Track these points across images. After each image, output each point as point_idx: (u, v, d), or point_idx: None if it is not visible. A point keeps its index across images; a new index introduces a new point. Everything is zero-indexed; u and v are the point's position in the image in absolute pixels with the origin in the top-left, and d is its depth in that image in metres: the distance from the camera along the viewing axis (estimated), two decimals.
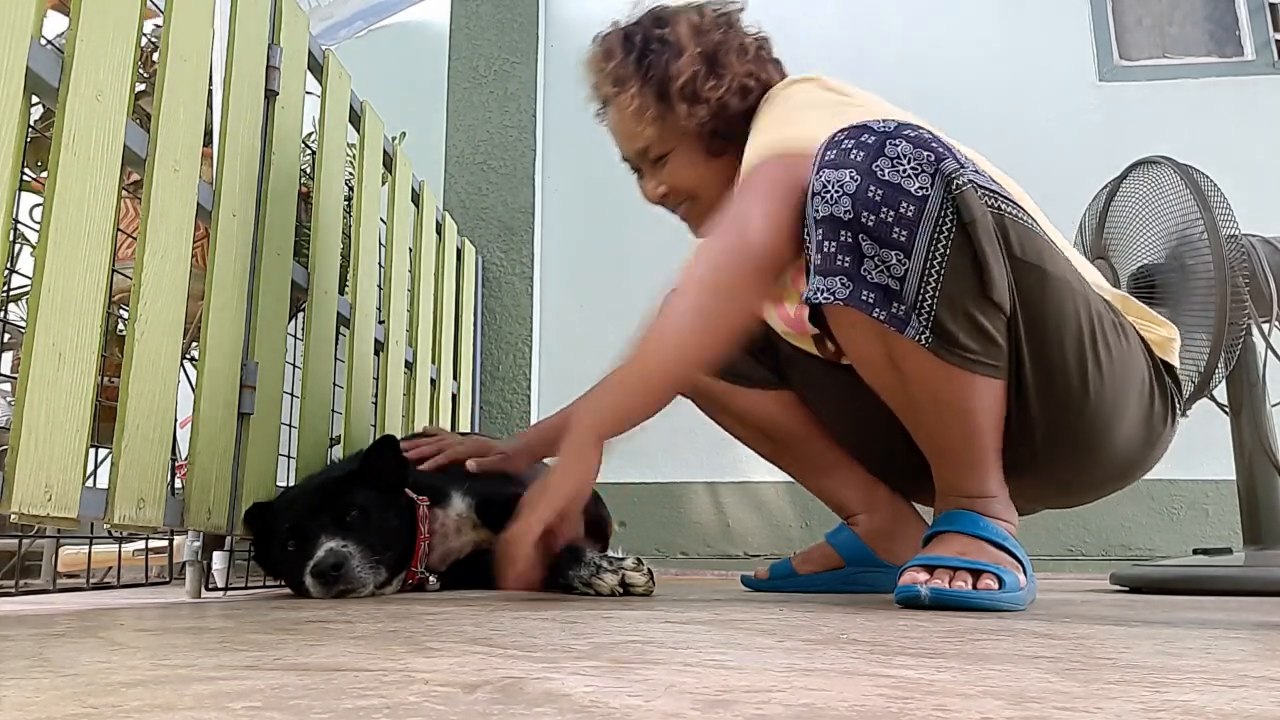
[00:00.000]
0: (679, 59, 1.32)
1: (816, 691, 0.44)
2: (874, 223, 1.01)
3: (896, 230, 1.00)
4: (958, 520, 1.11)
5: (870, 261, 1.02)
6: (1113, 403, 1.14)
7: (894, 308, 1.02)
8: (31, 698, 0.43)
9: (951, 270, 1.01)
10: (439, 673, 0.50)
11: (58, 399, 0.98)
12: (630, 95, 1.35)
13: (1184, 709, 0.40)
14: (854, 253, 1.03)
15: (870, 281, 1.03)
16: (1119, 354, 1.14)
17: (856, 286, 1.03)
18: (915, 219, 1.00)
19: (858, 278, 1.03)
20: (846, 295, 1.03)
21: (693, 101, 1.32)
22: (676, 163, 1.39)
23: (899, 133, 1.03)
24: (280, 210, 1.51)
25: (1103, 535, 2.80)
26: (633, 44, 1.36)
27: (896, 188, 1.01)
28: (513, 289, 3.02)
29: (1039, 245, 1.08)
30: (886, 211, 1.01)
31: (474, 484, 1.55)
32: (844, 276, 1.04)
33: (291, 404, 1.60)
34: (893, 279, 1.02)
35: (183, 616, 0.95)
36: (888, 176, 1.01)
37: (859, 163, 1.02)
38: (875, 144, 1.03)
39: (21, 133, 0.96)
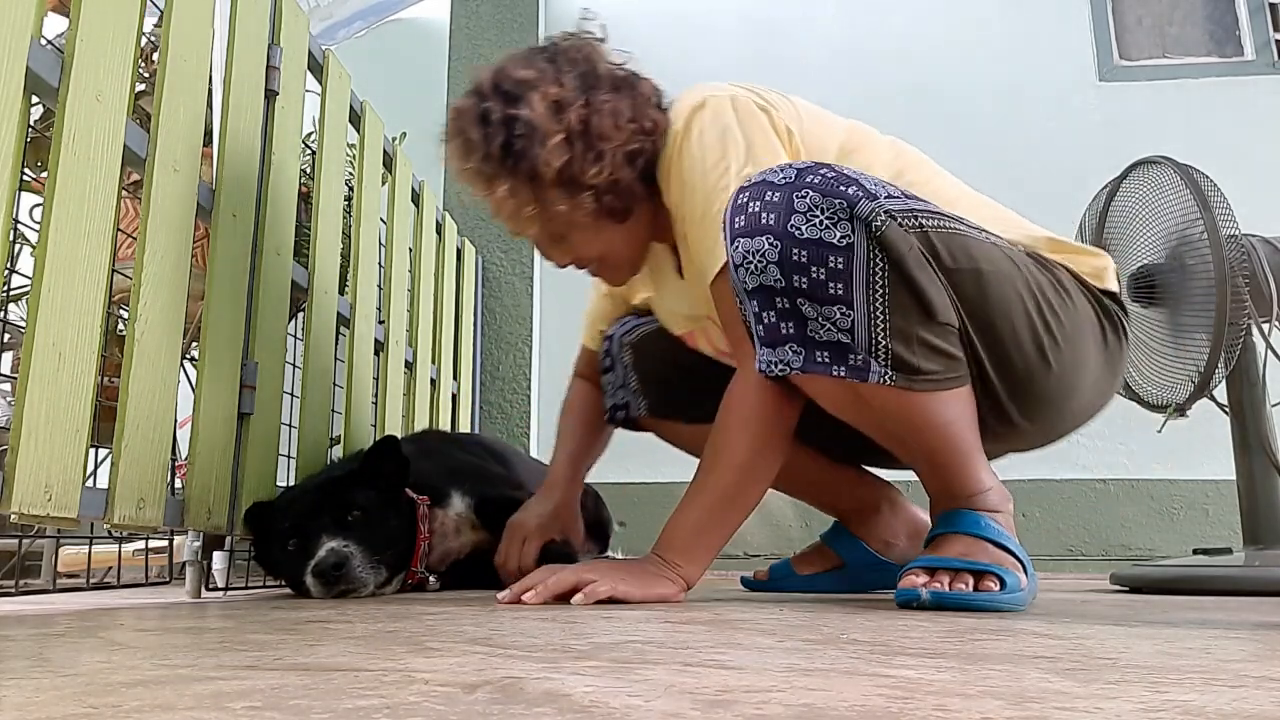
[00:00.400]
0: (544, 147, 1.15)
1: (816, 691, 0.44)
2: (808, 284, 1.00)
3: (832, 286, 1.00)
4: (959, 521, 1.11)
5: (814, 323, 1.02)
6: (1074, 361, 1.16)
7: (850, 359, 1.02)
8: (31, 698, 0.43)
9: (895, 306, 1.01)
10: (439, 673, 0.50)
11: (58, 399, 0.98)
12: (503, 194, 1.20)
13: (1184, 709, 0.40)
14: (795, 317, 1.03)
15: (819, 341, 1.03)
16: (1068, 317, 1.15)
17: (808, 350, 1.03)
18: (847, 269, 1.00)
19: (806, 340, 1.03)
20: (801, 362, 1.04)
21: (574, 189, 1.19)
22: (578, 239, 1.27)
23: (802, 182, 1.02)
24: (280, 210, 1.52)
25: (1103, 535, 2.80)
26: (490, 128, 1.18)
27: (819, 243, 1.00)
28: (513, 289, 3.02)
29: (967, 245, 1.07)
30: (817, 270, 1.00)
31: (474, 484, 1.56)
32: (793, 344, 1.04)
33: (291, 404, 1.60)
34: (842, 333, 1.02)
35: (183, 616, 0.95)
36: (806, 234, 1.00)
37: (773, 226, 1.01)
38: (783, 201, 1.01)
39: (21, 133, 0.96)
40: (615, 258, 1.33)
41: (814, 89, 3.34)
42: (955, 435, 1.10)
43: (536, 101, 1.16)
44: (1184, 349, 1.66)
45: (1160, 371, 1.72)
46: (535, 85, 1.17)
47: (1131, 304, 1.75)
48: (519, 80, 1.18)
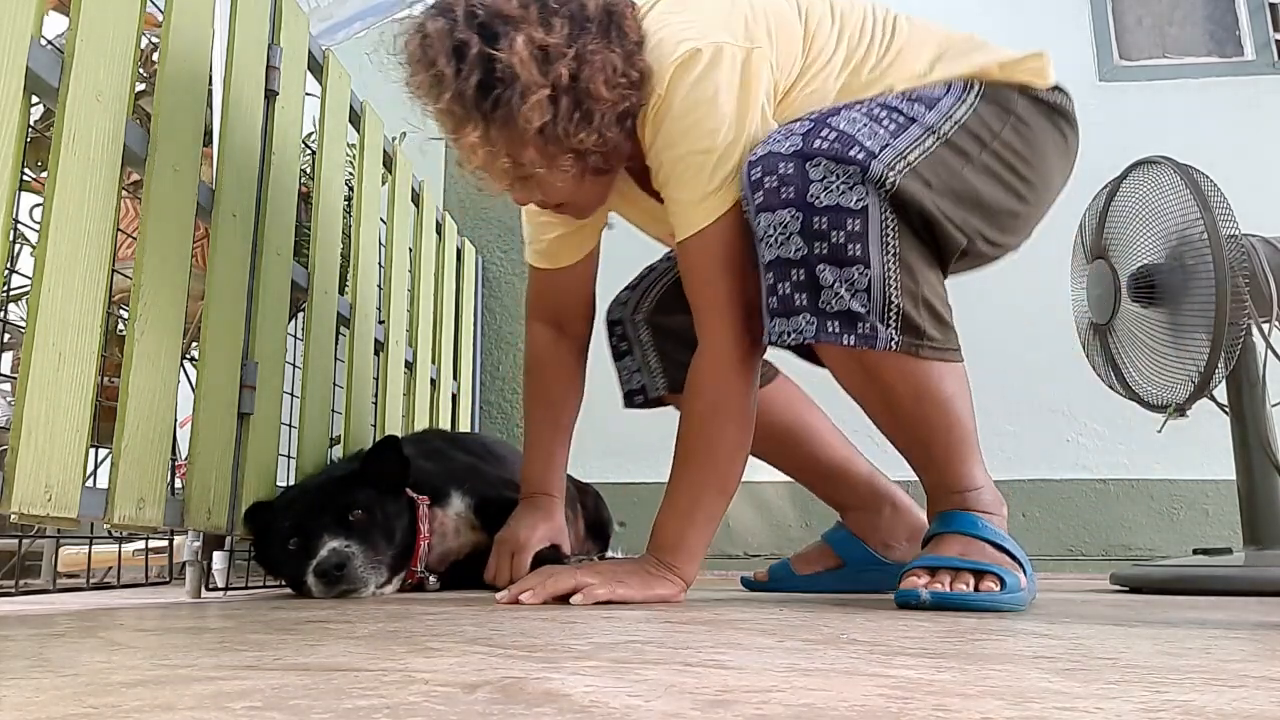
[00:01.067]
0: (525, 101, 1.05)
1: (816, 691, 0.44)
2: (828, 250, 1.04)
3: (851, 247, 1.04)
4: (956, 521, 1.11)
5: (828, 291, 1.05)
6: (1044, 183, 1.24)
7: (860, 328, 1.05)
8: (31, 698, 0.43)
9: (904, 266, 1.06)
10: (439, 673, 0.50)
11: (58, 399, 0.98)
12: (474, 140, 1.10)
13: (1184, 709, 0.40)
14: (810, 288, 1.06)
15: (831, 312, 1.05)
16: (1034, 151, 1.21)
17: (820, 320, 1.06)
18: (864, 231, 1.04)
19: (818, 311, 1.06)
20: (814, 331, 1.06)
21: (555, 149, 1.11)
22: (547, 188, 1.19)
23: (810, 149, 1.06)
24: (280, 210, 1.51)
25: (1103, 535, 2.80)
26: (464, 64, 1.06)
27: (837, 209, 1.04)
28: (513, 289, 3.01)
29: (947, 163, 1.12)
30: (836, 234, 1.04)
31: (473, 484, 1.56)
32: (806, 314, 1.06)
33: (291, 404, 1.60)
34: (857, 296, 1.05)
35: (183, 616, 0.95)
36: (824, 201, 1.04)
37: (793, 198, 1.05)
38: (796, 172, 1.05)
39: (21, 133, 0.96)
40: (585, 201, 1.27)
41: None
42: (955, 416, 1.12)
43: (520, 45, 1.04)
44: (1184, 349, 1.66)
45: (1160, 371, 1.72)
46: (519, 24, 1.05)
47: (1131, 304, 1.75)
48: (501, 13, 1.06)
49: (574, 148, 1.11)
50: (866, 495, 1.53)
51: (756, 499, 2.86)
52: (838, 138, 1.07)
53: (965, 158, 1.14)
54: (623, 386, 1.57)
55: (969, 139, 1.15)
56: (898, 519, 1.52)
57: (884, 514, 1.52)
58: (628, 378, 1.56)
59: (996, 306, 2.81)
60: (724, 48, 1.10)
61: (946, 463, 1.14)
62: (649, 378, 1.53)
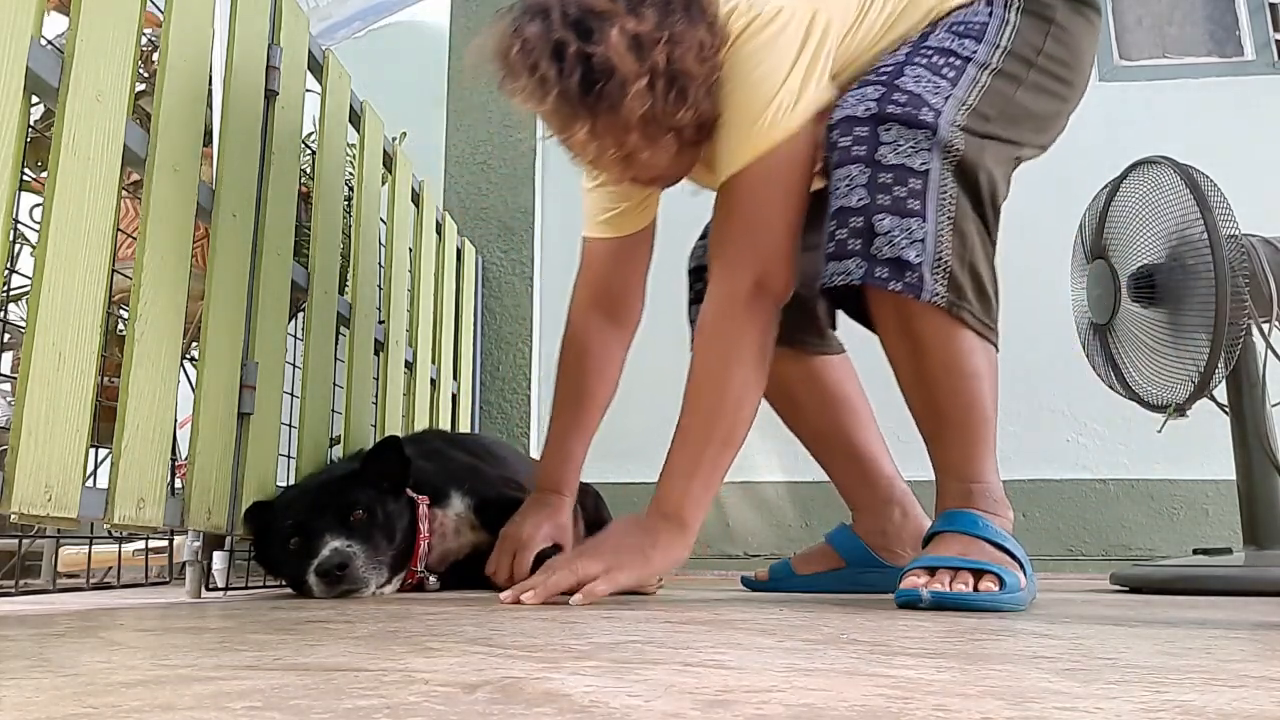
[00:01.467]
0: (627, 91, 1.11)
1: (816, 691, 0.44)
2: (890, 201, 1.10)
3: (911, 202, 1.10)
4: (958, 520, 1.11)
5: (881, 239, 1.10)
6: (1084, 71, 1.32)
7: (907, 276, 1.09)
8: (31, 698, 0.43)
9: (958, 231, 1.12)
10: (439, 673, 0.50)
11: (58, 399, 0.98)
12: (584, 136, 1.16)
13: (1184, 709, 0.40)
14: (865, 235, 1.11)
15: (882, 259, 1.10)
16: (1075, 55, 1.28)
17: (870, 265, 1.10)
18: (923, 190, 1.11)
19: (869, 257, 1.10)
20: (862, 274, 1.10)
21: (658, 131, 1.18)
22: (648, 163, 1.24)
23: (886, 116, 1.12)
24: (280, 210, 1.51)
25: (1103, 535, 2.80)
26: (564, 64, 1.11)
27: (902, 168, 1.11)
28: (513, 289, 3.01)
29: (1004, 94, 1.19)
30: (899, 188, 1.11)
31: (473, 484, 1.55)
32: (857, 258, 1.11)
33: (291, 404, 1.60)
34: (912, 246, 1.10)
35: (183, 616, 0.95)
36: (891, 160, 1.11)
37: (863, 155, 1.12)
38: (869, 134, 1.12)
39: (21, 133, 0.96)
40: (679, 171, 1.34)
41: None
42: (978, 397, 1.15)
43: (615, 37, 1.09)
44: (1184, 349, 1.66)
45: (1160, 371, 1.72)
46: (611, 18, 1.10)
47: (1131, 304, 1.75)
48: (592, 9, 1.11)
49: (673, 125, 1.18)
50: (883, 495, 1.53)
51: (757, 499, 2.86)
52: (908, 100, 1.12)
53: (1016, 82, 1.21)
54: None
55: (1017, 63, 1.21)
56: (905, 526, 1.52)
57: (893, 519, 1.52)
58: None
59: None
60: (791, 8, 1.17)
61: (960, 445, 1.15)
62: None
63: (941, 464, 1.18)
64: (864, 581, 1.51)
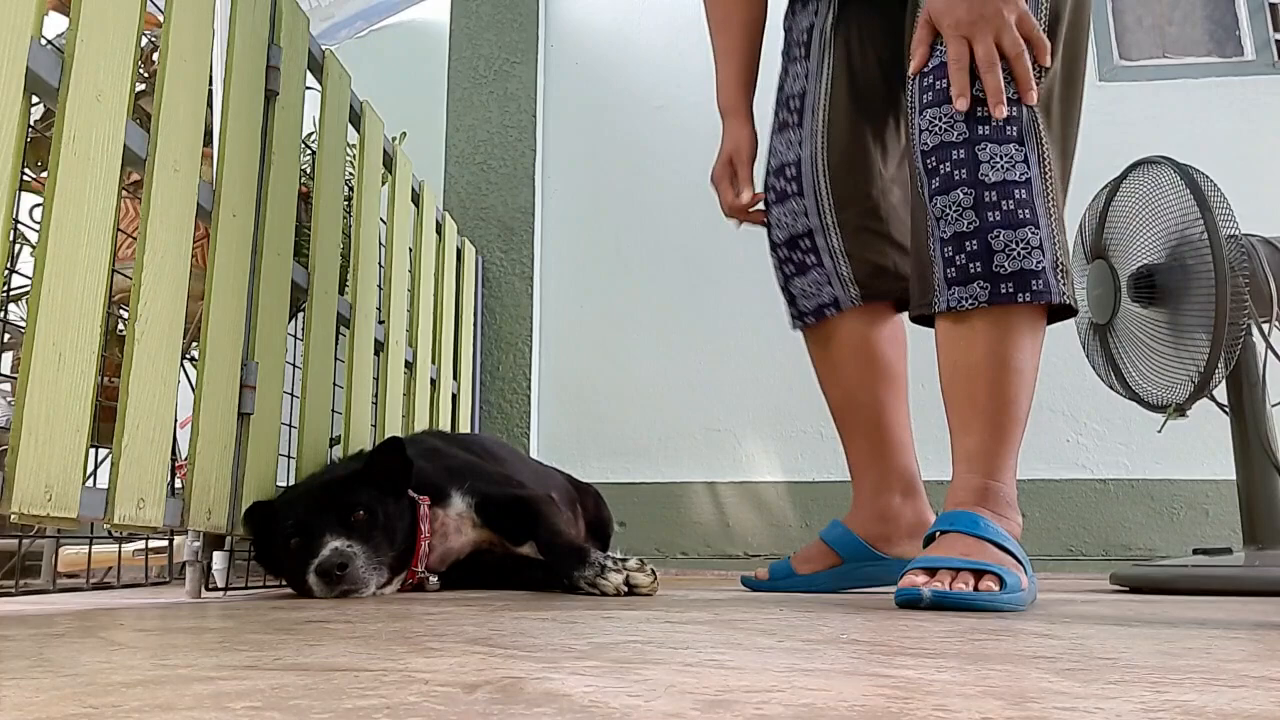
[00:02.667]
0: None
1: (816, 691, 0.44)
2: (1000, 216, 1.16)
3: (1021, 212, 1.16)
4: (960, 521, 1.11)
5: (1001, 255, 1.16)
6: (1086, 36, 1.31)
7: (1035, 285, 1.16)
8: (31, 698, 0.43)
9: (1060, 225, 1.20)
10: (439, 673, 0.50)
11: (58, 399, 0.98)
12: None
13: (1184, 709, 0.40)
14: (984, 256, 1.17)
15: (1005, 274, 1.16)
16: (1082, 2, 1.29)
17: (994, 284, 1.17)
18: (1030, 198, 1.17)
19: (992, 276, 1.17)
20: (988, 296, 1.17)
21: None
22: None
23: (978, 137, 1.19)
24: (280, 210, 1.51)
25: (1103, 535, 2.80)
26: None
27: (1005, 183, 1.17)
28: (513, 289, 3.02)
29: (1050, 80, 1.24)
30: (1006, 203, 1.17)
31: (474, 484, 1.55)
32: (980, 281, 1.17)
33: (291, 404, 1.60)
34: (1032, 251, 1.16)
35: (183, 616, 0.95)
36: (993, 178, 1.18)
37: (965, 179, 1.19)
38: (968, 157, 1.19)
39: (21, 133, 0.96)
40: None
41: None
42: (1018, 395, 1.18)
43: None
44: (1184, 349, 1.66)
45: (1160, 371, 1.72)
46: None
47: (1132, 304, 1.75)
48: None
49: None
50: (895, 472, 1.52)
51: (756, 499, 2.86)
52: (1007, 125, 1.19)
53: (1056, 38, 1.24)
54: (803, 304, 1.57)
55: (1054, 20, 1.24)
56: (904, 512, 1.51)
57: (893, 503, 1.51)
58: (814, 292, 1.55)
59: None
60: None
61: (987, 439, 1.17)
62: (841, 289, 1.52)
63: (962, 454, 1.19)
64: (862, 575, 1.51)
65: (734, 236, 3.18)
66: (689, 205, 3.04)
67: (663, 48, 3.24)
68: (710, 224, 3.10)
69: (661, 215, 3.08)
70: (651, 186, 3.10)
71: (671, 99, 3.17)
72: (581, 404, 2.97)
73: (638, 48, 3.26)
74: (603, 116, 3.22)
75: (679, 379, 2.93)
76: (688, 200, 3.05)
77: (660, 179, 3.10)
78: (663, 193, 3.08)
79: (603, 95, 3.25)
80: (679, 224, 3.03)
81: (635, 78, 3.22)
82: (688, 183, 3.07)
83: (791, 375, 2.83)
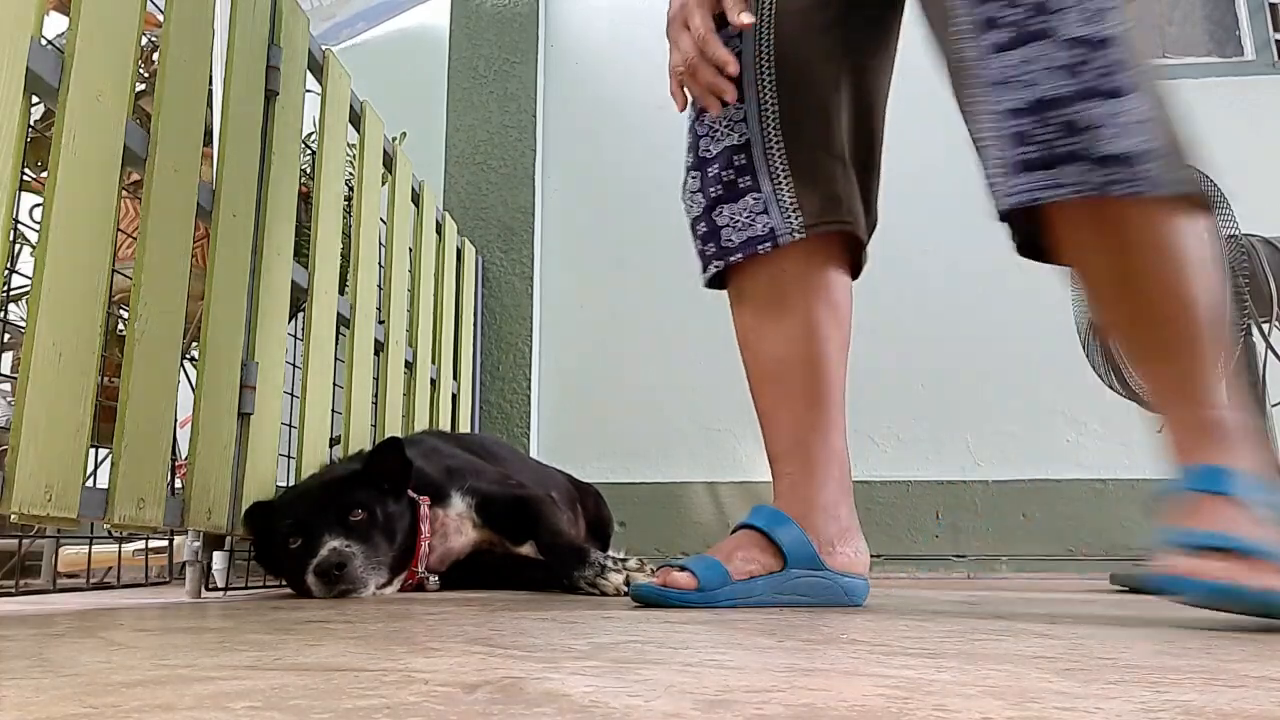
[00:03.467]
0: None
1: (816, 691, 0.44)
2: (1093, 80, 0.91)
3: (1117, 76, 0.91)
4: (1207, 478, 0.88)
5: (1095, 132, 0.90)
6: None
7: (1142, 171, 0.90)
8: (31, 698, 0.43)
9: (1159, 95, 0.94)
10: (439, 673, 0.50)
11: (58, 399, 0.98)
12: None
13: (1184, 709, 0.40)
14: (1074, 130, 0.91)
15: (1099, 156, 0.90)
16: None
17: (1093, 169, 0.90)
18: (1124, 59, 0.91)
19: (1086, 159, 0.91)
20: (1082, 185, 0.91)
21: None
22: None
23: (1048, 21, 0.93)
24: (280, 210, 1.51)
25: (1103, 535, 2.80)
26: None
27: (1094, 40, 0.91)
28: (513, 289, 3.02)
29: None
30: (1097, 62, 0.91)
31: (474, 483, 1.56)
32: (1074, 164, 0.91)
33: (291, 404, 1.60)
34: (1131, 129, 0.90)
35: (183, 616, 0.95)
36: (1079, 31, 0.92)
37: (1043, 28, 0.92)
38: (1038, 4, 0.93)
39: (21, 133, 0.96)
40: None
41: None
42: (1200, 292, 0.94)
43: None
44: None
45: None
46: None
47: None
48: None
49: None
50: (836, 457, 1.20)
51: (756, 499, 2.86)
52: None
53: None
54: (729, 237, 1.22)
55: None
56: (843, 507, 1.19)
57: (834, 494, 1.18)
58: (744, 223, 1.21)
59: (997, 307, 2.81)
60: None
61: (1191, 359, 0.94)
62: (780, 217, 1.19)
63: (1160, 392, 0.97)
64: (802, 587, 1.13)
65: None
66: None
67: (663, 48, 3.24)
68: None
69: (661, 215, 3.07)
70: (651, 186, 3.09)
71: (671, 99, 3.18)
72: (581, 404, 2.97)
73: (638, 48, 3.25)
74: (603, 116, 3.22)
75: (679, 379, 2.93)
76: None
77: (660, 179, 3.10)
78: (663, 193, 3.08)
79: (603, 95, 3.25)
80: (679, 224, 3.02)
81: (635, 78, 3.22)
82: None
83: None
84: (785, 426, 1.22)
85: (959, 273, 2.84)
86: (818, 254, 1.20)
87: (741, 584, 1.12)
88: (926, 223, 2.82)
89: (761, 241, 1.19)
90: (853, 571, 1.16)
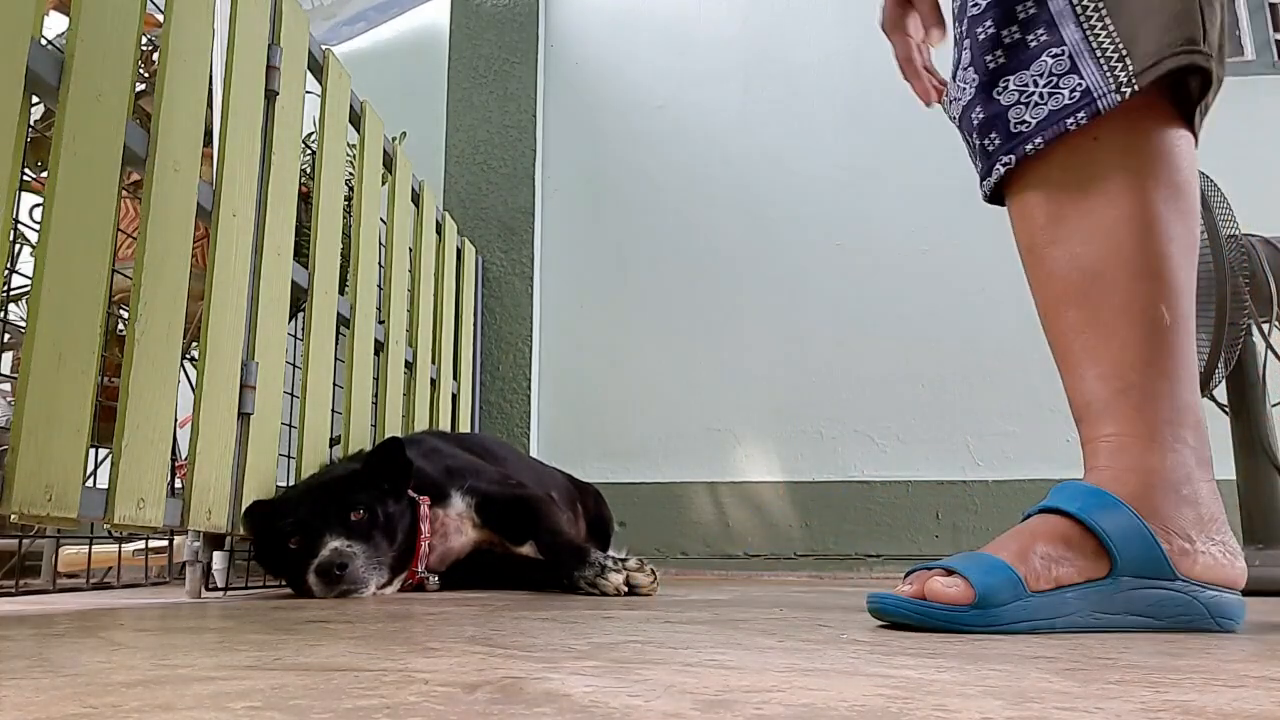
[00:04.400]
0: None
1: (816, 691, 0.44)
2: None
3: None
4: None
5: None
6: None
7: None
8: (31, 698, 0.43)
9: None
10: (439, 673, 0.50)
11: (58, 399, 0.98)
12: None
13: (1184, 709, 0.40)
14: None
15: None
16: None
17: None
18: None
19: None
20: None
21: None
22: None
23: None
24: (280, 210, 1.51)
25: None
26: None
27: None
28: (513, 289, 3.02)
29: None
30: None
31: (474, 483, 1.56)
32: None
33: (291, 404, 1.60)
34: None
35: (183, 616, 0.95)
36: None
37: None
38: None
39: (21, 133, 0.96)
40: None
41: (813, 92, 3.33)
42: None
43: None
44: None
45: None
46: None
47: None
48: None
49: None
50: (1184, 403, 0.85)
51: (756, 499, 2.86)
52: None
53: None
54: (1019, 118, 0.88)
55: None
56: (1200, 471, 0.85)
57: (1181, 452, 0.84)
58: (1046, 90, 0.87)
59: (996, 307, 2.81)
60: None
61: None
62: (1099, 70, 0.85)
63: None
64: (1141, 604, 0.79)
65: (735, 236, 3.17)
66: (689, 205, 3.04)
67: (663, 48, 3.24)
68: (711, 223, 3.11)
69: (661, 215, 3.08)
70: (651, 186, 3.10)
71: (671, 99, 3.17)
72: (581, 404, 2.97)
73: (638, 48, 3.25)
74: (603, 116, 3.22)
75: (679, 379, 2.93)
76: (688, 200, 3.05)
77: (660, 179, 3.10)
78: (663, 193, 3.08)
79: (603, 95, 3.25)
80: (679, 224, 3.03)
81: (635, 78, 3.22)
82: (688, 182, 3.07)
83: (791, 375, 2.83)
84: (1104, 364, 0.86)
85: (960, 273, 2.84)
86: (1152, 112, 0.86)
87: (1044, 597, 0.77)
88: (927, 222, 2.82)
89: (1073, 112, 0.85)
90: (1220, 582, 0.83)
